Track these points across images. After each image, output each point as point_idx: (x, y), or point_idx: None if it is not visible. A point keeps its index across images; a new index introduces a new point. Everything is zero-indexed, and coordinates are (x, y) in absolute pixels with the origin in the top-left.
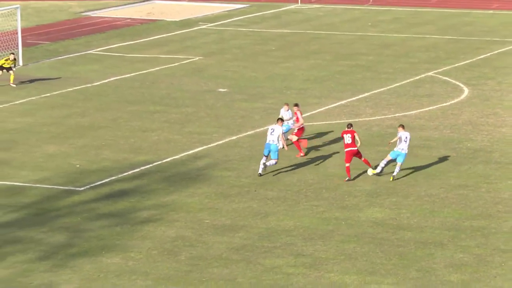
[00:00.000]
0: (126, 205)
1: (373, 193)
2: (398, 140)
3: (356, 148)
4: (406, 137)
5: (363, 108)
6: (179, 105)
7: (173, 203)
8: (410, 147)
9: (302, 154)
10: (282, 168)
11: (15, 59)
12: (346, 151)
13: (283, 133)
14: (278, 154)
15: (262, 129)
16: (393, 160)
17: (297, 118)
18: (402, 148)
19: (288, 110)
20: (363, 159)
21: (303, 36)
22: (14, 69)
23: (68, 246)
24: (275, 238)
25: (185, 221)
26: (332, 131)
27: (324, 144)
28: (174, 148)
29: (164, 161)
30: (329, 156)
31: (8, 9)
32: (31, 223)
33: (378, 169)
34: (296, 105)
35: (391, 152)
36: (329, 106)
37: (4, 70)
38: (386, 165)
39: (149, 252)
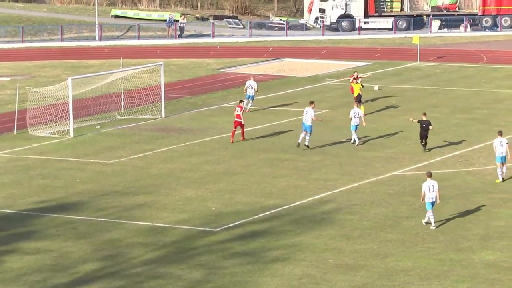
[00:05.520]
0: (257, 245)
1: (486, 236)
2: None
3: None
4: (501, 142)
5: (477, 158)
6: (306, 154)
7: (300, 244)
8: None
9: None
10: (401, 213)
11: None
12: None
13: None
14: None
15: (382, 176)
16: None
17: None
18: (501, 151)
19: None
20: None
21: (421, 91)
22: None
23: (204, 282)
24: (394, 277)
25: (310, 261)
26: (448, 179)
27: (440, 191)
28: (301, 193)
29: (292, 205)
30: (445, 202)
31: (153, 66)
32: (171, 260)
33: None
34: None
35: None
36: (445, 156)
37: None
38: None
39: None
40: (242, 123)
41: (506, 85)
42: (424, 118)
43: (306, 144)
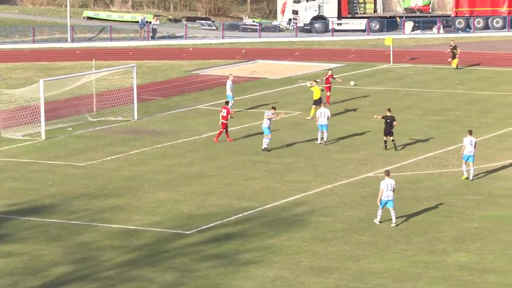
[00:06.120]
0: (230, 247)
1: (459, 238)
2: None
3: None
4: (471, 141)
5: (450, 159)
6: (279, 156)
7: (273, 246)
8: (495, 196)
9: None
10: (374, 215)
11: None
12: None
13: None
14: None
15: (355, 178)
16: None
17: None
18: (470, 150)
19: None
20: None
21: (395, 92)
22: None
23: (176, 285)
24: (367, 279)
25: (284, 263)
26: (421, 181)
27: (413, 192)
28: (275, 195)
29: (265, 207)
30: (418, 203)
31: (125, 67)
32: (143, 263)
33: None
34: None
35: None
36: (418, 158)
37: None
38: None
39: None
40: (227, 125)
41: (479, 86)
42: (388, 114)
43: (265, 146)
